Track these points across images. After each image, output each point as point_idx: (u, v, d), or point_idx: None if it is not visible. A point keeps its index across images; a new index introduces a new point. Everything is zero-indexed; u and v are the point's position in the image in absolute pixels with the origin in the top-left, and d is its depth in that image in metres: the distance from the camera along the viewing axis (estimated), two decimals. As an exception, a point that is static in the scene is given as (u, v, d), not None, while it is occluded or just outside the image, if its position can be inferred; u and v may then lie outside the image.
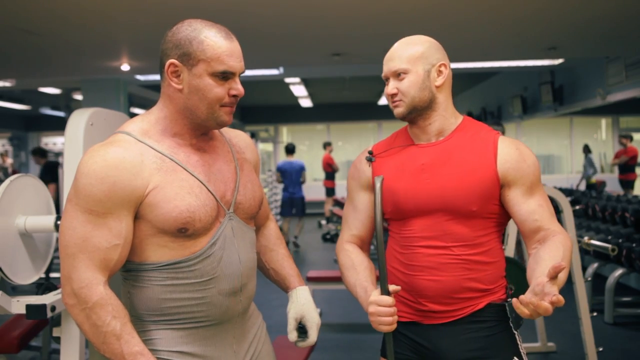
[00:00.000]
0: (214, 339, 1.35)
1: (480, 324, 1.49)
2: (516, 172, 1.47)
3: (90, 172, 1.23)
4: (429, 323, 1.52)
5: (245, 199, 1.41)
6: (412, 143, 1.57)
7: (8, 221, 1.70)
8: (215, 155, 1.39)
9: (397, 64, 1.51)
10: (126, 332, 1.22)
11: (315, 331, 1.52)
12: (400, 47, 1.53)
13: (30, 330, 3.14)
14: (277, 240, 1.64)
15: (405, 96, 1.51)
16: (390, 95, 1.53)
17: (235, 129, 1.58)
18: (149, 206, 1.25)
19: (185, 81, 1.29)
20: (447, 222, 1.48)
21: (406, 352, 1.55)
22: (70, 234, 1.23)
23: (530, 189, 1.48)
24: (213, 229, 1.32)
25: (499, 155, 1.49)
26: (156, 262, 1.29)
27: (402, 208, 1.53)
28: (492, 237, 1.52)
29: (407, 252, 1.53)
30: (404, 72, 1.50)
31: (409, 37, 1.56)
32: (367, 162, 1.62)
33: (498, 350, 1.49)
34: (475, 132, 1.54)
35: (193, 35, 1.28)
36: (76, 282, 1.22)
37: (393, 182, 1.54)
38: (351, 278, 1.57)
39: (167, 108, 1.34)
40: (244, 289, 1.39)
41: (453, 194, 1.46)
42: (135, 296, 1.32)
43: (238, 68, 1.31)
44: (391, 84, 1.53)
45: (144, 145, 1.29)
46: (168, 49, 1.30)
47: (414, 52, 1.51)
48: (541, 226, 1.46)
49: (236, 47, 1.31)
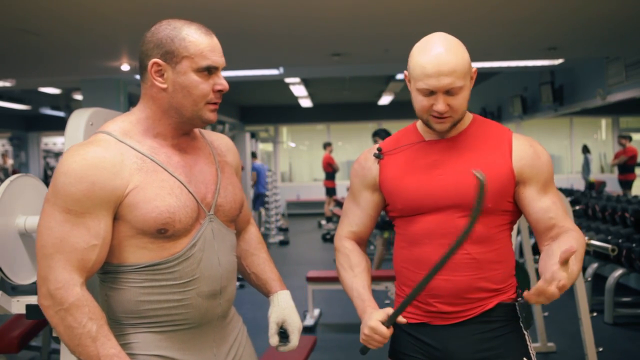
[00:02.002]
0: (193, 342, 1.34)
1: (491, 324, 1.47)
2: (531, 169, 1.46)
3: (69, 171, 1.22)
4: (438, 324, 1.49)
5: (226, 201, 1.40)
6: (422, 139, 1.54)
7: (8, 221, 1.70)
8: (196, 157, 1.38)
9: (454, 81, 1.38)
10: (102, 334, 1.21)
11: (297, 335, 1.49)
12: (449, 59, 1.38)
13: (30, 330, 3.14)
14: (258, 244, 1.62)
15: (456, 112, 1.43)
16: (439, 112, 1.42)
17: (235, 129, 1.59)
18: (129, 206, 1.24)
19: (170, 79, 1.28)
20: (460, 219, 1.44)
21: (415, 355, 1.52)
22: (47, 233, 1.22)
23: (544, 186, 1.47)
24: (193, 231, 1.31)
25: (514, 151, 1.47)
26: (135, 263, 1.28)
27: (413, 205, 1.49)
28: (503, 235, 1.50)
29: (417, 250, 1.50)
30: (460, 89, 1.41)
31: (443, 39, 1.42)
32: (375, 159, 1.57)
33: (508, 350, 1.47)
34: (487, 128, 1.53)
35: (174, 34, 1.28)
36: (52, 283, 1.20)
37: (403, 178, 1.51)
38: (348, 280, 1.58)
39: (149, 108, 1.33)
40: (224, 291, 1.38)
41: (468, 190, 1.40)
42: (113, 298, 1.30)
43: (221, 62, 1.32)
44: (442, 100, 1.41)
45: (124, 145, 1.28)
46: (149, 49, 1.29)
47: (467, 64, 1.41)
48: (556, 224, 1.44)
49: (217, 43, 1.32)
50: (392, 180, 1.53)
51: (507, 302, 1.50)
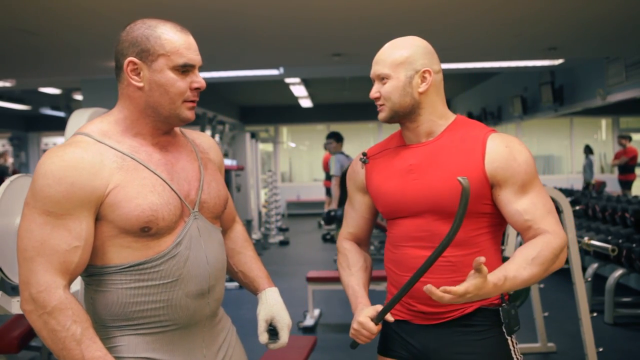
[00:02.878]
0: (181, 343, 1.32)
1: (470, 328, 1.48)
2: (505, 171, 1.44)
3: (47, 173, 1.21)
4: (418, 323, 1.53)
5: (210, 198, 1.39)
6: (404, 144, 1.57)
7: (8, 221, 1.70)
8: (178, 155, 1.37)
9: (380, 68, 1.51)
10: (87, 337, 1.19)
11: (287, 332, 1.49)
12: (386, 50, 1.52)
13: (30, 330, 3.14)
14: (245, 242, 1.62)
15: (387, 100, 1.51)
16: (374, 99, 1.54)
17: (235, 129, 1.59)
18: (110, 206, 1.23)
19: (146, 78, 1.28)
20: (435, 222, 1.47)
21: (400, 351, 1.56)
22: (28, 237, 1.20)
23: (522, 187, 1.44)
24: (177, 229, 1.30)
25: (487, 154, 1.45)
26: (119, 264, 1.27)
27: (392, 209, 1.54)
28: (485, 237, 1.49)
29: (398, 252, 1.54)
30: (386, 77, 1.50)
31: (398, 39, 1.55)
32: (362, 163, 1.64)
33: (487, 356, 1.47)
34: (467, 131, 1.52)
35: (149, 32, 1.28)
36: (34, 287, 1.19)
37: (384, 182, 1.55)
38: (345, 278, 1.65)
39: (126, 109, 1.32)
40: (212, 290, 1.36)
41: (440, 194, 1.45)
42: (98, 301, 1.29)
43: (197, 61, 1.31)
44: (375, 86, 1.53)
45: (103, 145, 1.27)
46: (124, 48, 1.29)
47: (398, 57, 1.49)
48: (532, 225, 1.43)
49: (192, 41, 1.32)
50: (374, 183, 1.59)
51: (489, 307, 1.50)
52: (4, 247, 1.67)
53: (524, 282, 1.36)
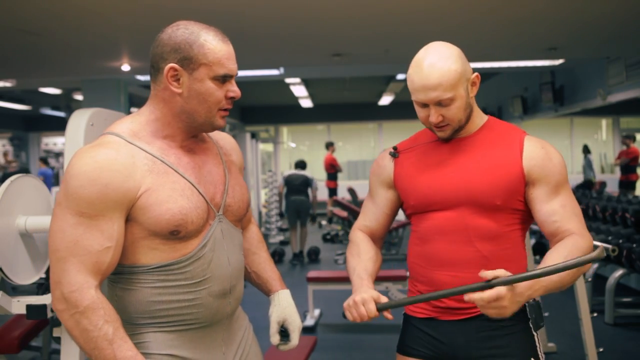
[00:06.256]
0: (203, 341, 1.35)
1: (498, 323, 1.47)
2: (541, 170, 1.47)
3: (80, 174, 1.21)
4: (446, 319, 1.52)
5: (234, 201, 1.40)
6: (436, 139, 1.57)
7: (8, 221, 1.70)
8: (205, 158, 1.39)
9: (441, 94, 1.42)
10: (119, 336, 1.20)
11: (297, 334, 1.51)
12: (435, 73, 1.42)
13: (30, 330, 3.14)
14: (259, 243, 1.63)
15: (452, 121, 1.47)
16: (433, 123, 1.47)
17: (236, 129, 1.60)
18: (141, 209, 1.24)
19: (185, 85, 1.28)
20: (471, 215, 1.48)
21: (422, 349, 1.55)
22: (60, 237, 1.21)
23: (555, 188, 1.47)
24: (203, 231, 1.32)
25: (524, 152, 1.49)
26: (147, 264, 1.28)
27: (425, 201, 1.54)
28: (515, 233, 1.51)
29: (427, 246, 1.54)
30: (449, 100, 1.43)
31: (433, 54, 1.44)
32: (391, 157, 1.63)
33: (515, 349, 1.48)
34: (503, 129, 1.56)
35: (192, 39, 1.27)
36: (66, 286, 1.19)
37: (417, 176, 1.56)
38: (352, 263, 1.60)
39: (159, 111, 1.32)
40: (233, 290, 1.39)
41: (478, 188, 1.47)
42: (125, 299, 1.30)
43: (235, 70, 1.32)
44: (434, 111, 1.45)
45: (134, 147, 1.28)
46: (165, 52, 1.28)
47: (453, 76, 1.42)
48: (559, 227, 1.45)
49: (232, 50, 1.32)
50: (406, 177, 1.58)
51: None
52: (4, 247, 1.67)
53: (555, 285, 1.37)
